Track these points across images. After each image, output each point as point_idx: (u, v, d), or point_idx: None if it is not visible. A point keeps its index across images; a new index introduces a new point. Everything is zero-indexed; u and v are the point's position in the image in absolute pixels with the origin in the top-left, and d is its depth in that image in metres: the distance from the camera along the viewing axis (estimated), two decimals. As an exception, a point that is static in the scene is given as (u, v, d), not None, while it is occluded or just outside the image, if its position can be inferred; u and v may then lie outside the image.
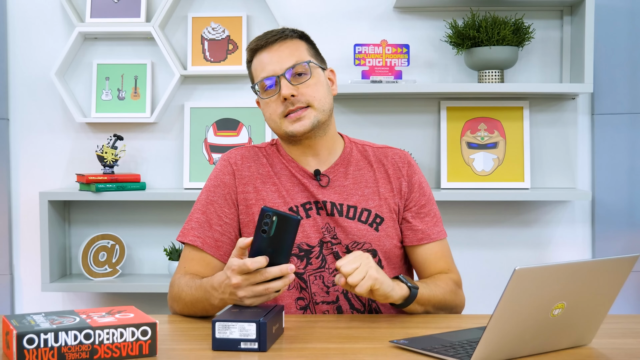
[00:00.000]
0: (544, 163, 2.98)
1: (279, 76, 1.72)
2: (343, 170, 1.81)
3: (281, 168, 1.81)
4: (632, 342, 1.48)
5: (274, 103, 1.74)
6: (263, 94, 1.75)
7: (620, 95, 2.96)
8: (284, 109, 1.73)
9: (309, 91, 1.73)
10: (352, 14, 2.98)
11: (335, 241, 1.76)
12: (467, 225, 3.00)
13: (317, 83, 1.75)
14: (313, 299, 1.76)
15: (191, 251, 1.77)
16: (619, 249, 2.94)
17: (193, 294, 1.63)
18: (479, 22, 2.85)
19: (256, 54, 1.77)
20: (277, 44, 1.75)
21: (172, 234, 2.98)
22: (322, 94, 1.75)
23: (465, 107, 2.96)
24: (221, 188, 1.79)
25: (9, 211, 3.02)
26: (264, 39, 1.76)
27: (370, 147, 1.87)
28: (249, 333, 1.38)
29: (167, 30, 3.00)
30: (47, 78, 2.98)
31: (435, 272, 1.83)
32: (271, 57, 1.74)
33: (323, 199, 1.77)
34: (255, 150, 1.84)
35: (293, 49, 1.75)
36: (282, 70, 1.72)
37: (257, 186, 1.79)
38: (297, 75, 1.73)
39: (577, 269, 1.31)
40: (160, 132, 3.02)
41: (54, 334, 1.27)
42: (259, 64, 1.76)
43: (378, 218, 1.79)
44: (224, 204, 1.78)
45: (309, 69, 1.74)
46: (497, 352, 1.29)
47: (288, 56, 1.74)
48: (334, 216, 1.77)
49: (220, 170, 1.81)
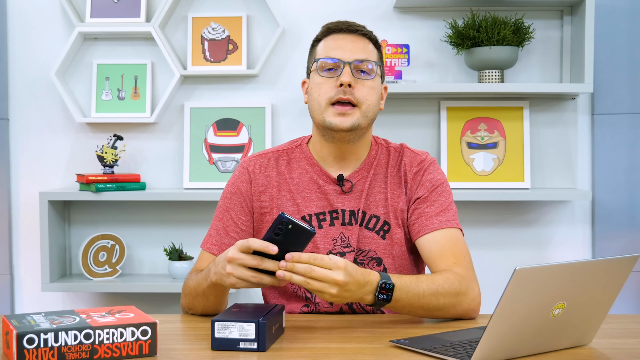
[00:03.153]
0: (544, 163, 2.98)
1: (346, 62, 1.71)
2: (365, 174, 1.79)
3: (300, 174, 1.79)
4: (632, 342, 1.48)
5: (328, 85, 1.72)
6: (321, 72, 1.74)
7: (620, 95, 2.96)
8: (334, 94, 1.71)
9: (365, 91, 1.72)
10: (352, 14, 2.98)
11: (348, 250, 1.75)
12: (467, 225, 3.00)
13: (373, 88, 1.74)
14: (317, 309, 1.76)
15: (205, 253, 1.80)
16: (619, 249, 2.94)
17: (197, 279, 1.66)
18: (479, 22, 2.85)
19: (331, 34, 1.77)
20: (356, 35, 1.76)
21: (172, 234, 2.98)
22: (373, 100, 1.74)
23: (465, 107, 2.96)
24: (238, 195, 1.80)
25: (9, 211, 3.01)
26: (346, 24, 1.77)
27: (393, 148, 1.84)
28: (248, 333, 1.38)
29: (167, 30, 3.00)
30: (47, 78, 2.98)
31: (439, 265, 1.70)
32: (346, 43, 1.74)
33: (342, 207, 1.76)
34: (275, 157, 1.82)
35: (368, 48, 1.76)
36: (351, 58, 1.72)
37: (273, 194, 1.78)
38: (361, 72, 1.73)
39: (577, 269, 1.31)
40: (160, 132, 3.01)
41: (54, 333, 1.27)
42: (332, 43, 1.75)
43: (386, 225, 1.77)
44: (240, 211, 1.79)
45: (375, 70, 1.75)
46: (497, 352, 1.29)
47: (361, 50, 1.74)
48: (351, 225, 1.76)
49: (237, 178, 1.81)
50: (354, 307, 1.76)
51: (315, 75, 1.75)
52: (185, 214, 2.98)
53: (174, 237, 2.97)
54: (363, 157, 1.80)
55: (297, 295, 1.77)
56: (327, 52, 1.74)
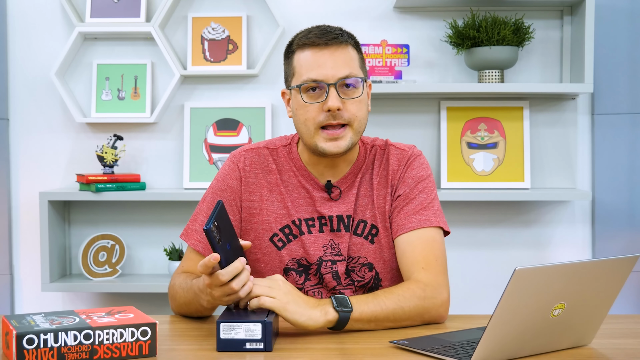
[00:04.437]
0: (544, 163, 2.98)
1: (330, 85, 1.62)
2: (353, 179, 1.74)
3: (289, 176, 1.74)
4: (632, 342, 1.48)
5: (314, 109, 1.63)
6: (305, 96, 1.64)
7: (620, 95, 2.96)
8: (324, 119, 1.63)
9: (354, 109, 1.64)
10: (352, 14, 2.98)
11: (339, 258, 1.71)
12: (467, 225, 3.00)
13: (361, 101, 1.66)
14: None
15: (192, 252, 1.76)
16: (619, 249, 2.94)
17: (185, 295, 1.63)
18: (479, 22, 2.85)
19: (307, 48, 1.65)
20: (334, 47, 1.64)
21: (172, 234, 2.98)
22: (363, 114, 1.67)
23: (465, 107, 2.96)
24: (227, 193, 1.74)
25: (9, 211, 3.01)
26: (323, 38, 1.64)
27: (379, 147, 1.78)
28: (254, 333, 1.38)
29: (167, 30, 3.00)
30: (47, 78, 2.98)
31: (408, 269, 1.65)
32: (325, 60, 1.63)
33: (329, 214, 1.71)
34: (265, 154, 1.76)
35: (348, 59, 1.65)
36: (334, 78, 1.62)
37: (263, 195, 1.73)
38: (346, 87, 1.64)
39: (577, 269, 1.30)
40: (160, 132, 3.01)
41: (54, 334, 1.27)
42: (311, 62, 1.64)
43: (374, 229, 1.72)
44: (229, 209, 1.73)
45: (360, 82, 1.65)
46: (497, 352, 1.29)
47: (343, 65, 1.64)
48: (340, 231, 1.71)
49: (227, 174, 1.75)
50: None
51: (298, 96, 1.66)
52: (186, 214, 2.97)
53: (174, 237, 2.97)
54: (352, 161, 1.75)
55: None
56: (308, 72, 1.63)
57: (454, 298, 2.98)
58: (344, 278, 1.72)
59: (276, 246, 1.72)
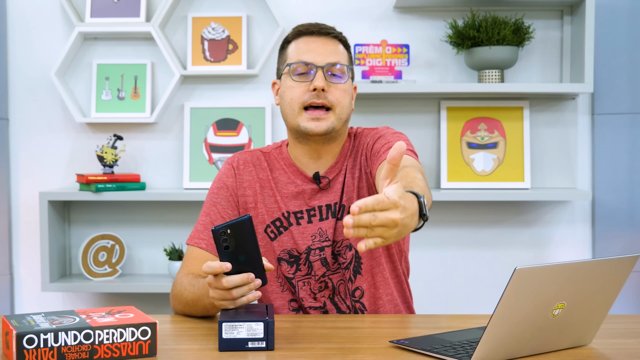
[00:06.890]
0: (544, 163, 2.98)
1: (318, 67, 1.74)
2: (340, 167, 1.81)
3: (280, 174, 1.83)
4: (632, 342, 1.48)
5: (300, 89, 1.74)
6: (293, 77, 1.76)
7: (620, 95, 2.96)
8: (308, 98, 1.73)
9: (338, 94, 1.75)
10: (352, 14, 2.98)
11: (327, 243, 1.77)
12: (467, 225, 3.00)
13: (346, 90, 1.77)
14: (301, 304, 1.79)
15: (194, 250, 1.78)
16: (619, 249, 2.94)
17: (195, 292, 1.64)
18: (479, 22, 2.85)
19: (302, 36, 1.79)
20: (327, 38, 1.78)
21: (172, 234, 2.98)
22: (346, 102, 1.77)
23: (465, 107, 2.96)
24: (224, 190, 1.83)
25: (9, 211, 3.01)
26: (316, 27, 1.79)
27: (359, 135, 1.85)
28: (256, 332, 1.38)
29: (167, 30, 3.00)
30: (47, 78, 2.98)
31: None
32: (317, 46, 1.76)
33: (318, 204, 1.79)
34: (258, 155, 1.86)
35: (338, 50, 1.78)
36: (323, 62, 1.75)
37: (256, 190, 1.82)
38: (333, 75, 1.75)
39: (577, 269, 1.31)
40: (160, 132, 3.01)
41: (54, 334, 1.27)
42: (303, 47, 1.77)
43: None
44: (227, 205, 1.81)
45: (346, 73, 1.77)
46: (497, 352, 1.29)
47: (333, 53, 1.76)
48: (328, 219, 1.78)
49: (223, 174, 1.85)
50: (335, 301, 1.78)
51: (287, 79, 1.77)
52: (185, 214, 2.98)
53: (174, 237, 2.97)
54: (338, 152, 1.82)
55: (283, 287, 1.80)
56: (299, 55, 1.76)
57: (454, 298, 3.00)
58: (332, 263, 1.78)
59: (269, 237, 1.81)
